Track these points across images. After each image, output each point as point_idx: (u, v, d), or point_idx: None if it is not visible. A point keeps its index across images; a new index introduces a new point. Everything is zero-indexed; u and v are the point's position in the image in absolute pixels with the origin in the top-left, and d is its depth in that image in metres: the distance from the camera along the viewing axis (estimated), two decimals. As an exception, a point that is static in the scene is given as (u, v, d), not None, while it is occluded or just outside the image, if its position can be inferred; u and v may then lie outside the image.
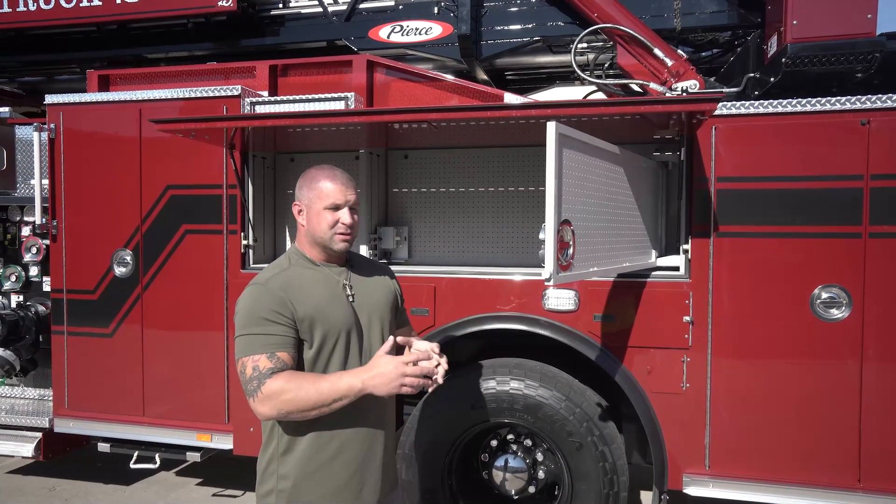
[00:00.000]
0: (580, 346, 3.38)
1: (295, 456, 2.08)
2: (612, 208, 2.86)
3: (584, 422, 3.34)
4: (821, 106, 3.07)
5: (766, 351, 3.19)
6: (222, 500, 4.64)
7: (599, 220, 2.71)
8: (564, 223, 2.33)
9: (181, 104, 3.88)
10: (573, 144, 2.39)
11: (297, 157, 4.04)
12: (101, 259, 4.07)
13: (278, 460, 2.10)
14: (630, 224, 3.12)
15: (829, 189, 3.11)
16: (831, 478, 3.13)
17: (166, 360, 3.98)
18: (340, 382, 1.96)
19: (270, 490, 2.11)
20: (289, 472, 2.08)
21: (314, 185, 2.15)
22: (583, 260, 2.52)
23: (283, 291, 2.04)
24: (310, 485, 2.08)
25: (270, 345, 1.98)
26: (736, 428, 3.25)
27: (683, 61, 3.76)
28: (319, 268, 2.18)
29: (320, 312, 2.07)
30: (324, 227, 2.12)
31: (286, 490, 2.08)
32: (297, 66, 4.05)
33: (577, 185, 2.47)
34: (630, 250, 3.14)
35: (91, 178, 4.08)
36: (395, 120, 3.06)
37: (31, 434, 4.31)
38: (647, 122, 3.16)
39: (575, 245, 2.41)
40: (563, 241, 2.31)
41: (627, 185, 3.02)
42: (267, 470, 2.13)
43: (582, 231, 2.48)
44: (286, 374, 1.96)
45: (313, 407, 1.94)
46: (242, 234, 3.82)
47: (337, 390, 1.94)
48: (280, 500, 2.09)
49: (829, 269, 3.11)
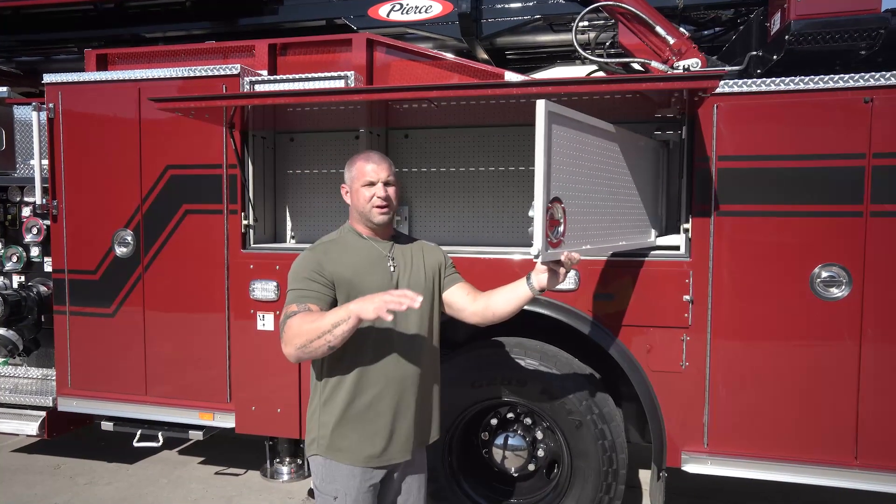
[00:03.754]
0: (580, 324, 3.39)
1: (335, 405, 2.33)
2: (608, 187, 2.86)
3: (584, 400, 3.36)
4: (823, 84, 3.04)
5: (766, 329, 3.20)
6: (225, 478, 4.69)
7: (593, 199, 2.72)
8: (555, 201, 2.36)
9: (180, 83, 3.85)
10: (564, 122, 2.40)
11: (297, 136, 4.03)
12: (102, 239, 4.07)
13: (320, 409, 2.36)
14: (627, 203, 3.11)
15: (831, 168, 3.09)
16: (829, 455, 3.16)
17: (168, 339, 4.00)
18: (338, 309, 2.16)
19: (314, 438, 2.37)
20: (328, 420, 2.33)
21: (353, 167, 2.45)
22: (574, 238, 2.54)
23: (325, 254, 2.35)
24: (345, 431, 2.32)
25: (304, 297, 2.26)
26: (735, 406, 3.26)
27: (686, 39, 3.72)
28: (366, 240, 2.45)
29: (357, 276, 2.33)
30: (363, 202, 2.40)
31: (325, 436, 2.33)
32: (296, 44, 4.02)
33: (569, 163, 2.48)
34: (627, 229, 3.14)
35: (91, 157, 4.07)
36: (397, 98, 3.03)
37: (35, 413, 4.35)
38: (648, 100, 3.14)
39: (566, 223, 2.45)
40: (553, 219, 2.35)
41: (624, 163, 3.00)
42: (311, 419, 2.39)
43: (574, 209, 2.51)
44: (301, 314, 2.20)
45: (317, 335, 2.12)
46: (243, 214, 3.81)
47: (335, 316, 2.12)
48: (320, 447, 2.35)
49: (829, 248, 3.11)
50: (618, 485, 3.39)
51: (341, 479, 2.32)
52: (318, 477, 2.39)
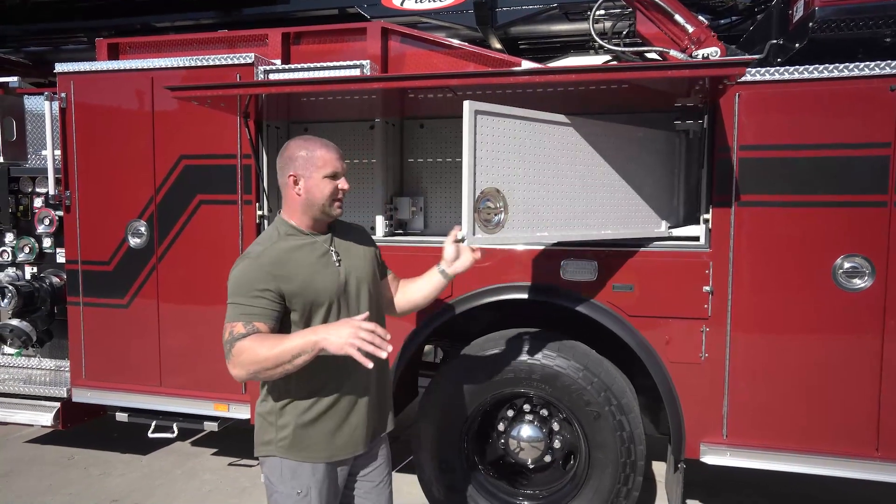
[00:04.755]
0: (599, 315, 3.37)
1: (294, 408, 2.24)
2: (580, 178, 3.02)
3: (602, 391, 3.35)
4: (848, 71, 3.00)
5: (787, 320, 3.18)
6: (238, 469, 4.69)
7: (553, 189, 2.90)
8: (493, 190, 2.62)
9: (194, 72, 3.82)
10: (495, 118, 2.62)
11: (312, 126, 3.99)
12: (116, 230, 4.05)
13: (277, 413, 2.25)
14: (614, 193, 3.19)
15: (855, 157, 3.06)
16: (849, 447, 3.14)
17: (183, 330, 3.99)
18: (298, 339, 2.05)
19: (270, 440, 2.27)
20: (288, 422, 2.24)
21: (311, 155, 2.25)
22: (523, 225, 2.77)
23: (273, 267, 2.16)
24: (308, 432, 2.26)
25: (251, 315, 2.10)
26: (754, 397, 3.25)
27: (704, 28, 3.68)
28: (308, 236, 2.30)
29: (310, 286, 2.21)
30: (325, 195, 2.25)
31: (287, 437, 2.24)
32: (310, 33, 3.99)
33: (509, 156, 2.70)
34: (617, 219, 3.21)
35: (104, 148, 4.04)
36: (418, 86, 2.99)
37: (49, 404, 4.34)
38: (667, 89, 3.11)
39: (507, 210, 2.69)
40: (490, 208, 2.62)
41: (605, 154, 3.09)
42: (265, 421, 2.28)
43: (520, 198, 2.74)
44: (253, 336, 2.07)
45: (275, 364, 2.04)
46: (258, 205, 3.79)
47: (295, 347, 2.03)
48: (280, 448, 2.26)
49: (852, 238, 3.08)
50: (636, 476, 3.38)
51: (304, 476, 2.26)
52: (274, 476, 2.28)
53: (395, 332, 3.60)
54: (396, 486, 2.79)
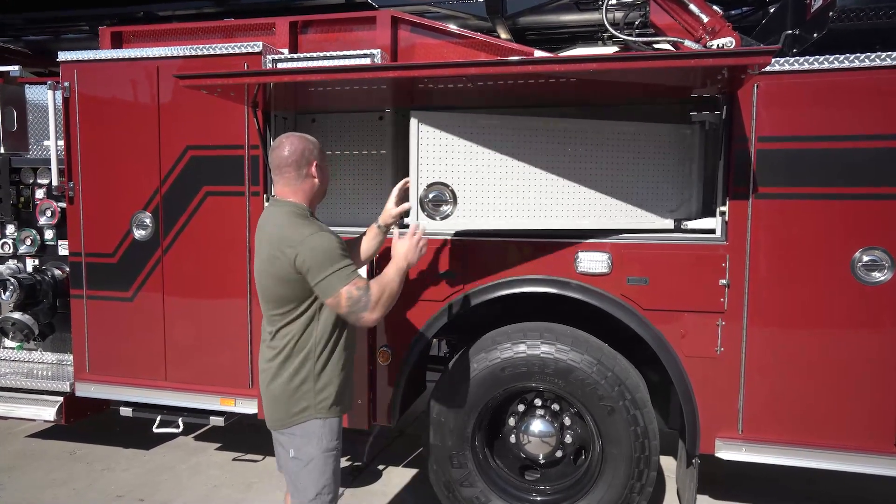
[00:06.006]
0: (613, 309, 3.33)
1: (334, 367, 2.57)
2: (545, 174, 3.31)
3: (616, 385, 3.31)
4: (869, 62, 2.96)
5: (804, 314, 3.14)
6: (244, 464, 4.64)
7: (501, 183, 3.26)
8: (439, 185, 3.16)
9: (200, 61, 3.74)
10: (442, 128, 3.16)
11: (319, 117, 3.93)
12: (120, 222, 3.98)
13: (315, 377, 2.53)
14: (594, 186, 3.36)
15: (875, 149, 3.01)
16: (867, 442, 3.11)
17: (188, 324, 3.93)
18: (395, 268, 2.60)
19: (307, 406, 2.53)
20: (329, 380, 2.55)
21: (316, 147, 2.62)
22: (477, 215, 3.24)
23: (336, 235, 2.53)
24: (346, 383, 2.63)
25: (353, 271, 2.47)
26: (771, 392, 3.21)
27: (719, 18, 3.63)
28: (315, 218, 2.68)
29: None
30: (327, 181, 2.71)
31: (330, 396, 2.56)
32: (318, 22, 3.92)
33: (459, 155, 3.18)
34: (601, 212, 3.38)
35: (108, 138, 3.97)
36: (433, 75, 2.91)
37: (52, 398, 4.28)
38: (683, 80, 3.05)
39: (457, 203, 3.19)
40: (439, 199, 3.18)
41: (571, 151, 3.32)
42: (299, 391, 2.53)
43: (468, 191, 3.21)
44: (373, 283, 2.51)
45: (398, 292, 2.57)
46: (265, 196, 3.73)
47: (401, 271, 2.60)
48: (321, 409, 2.55)
49: (871, 231, 3.04)
50: (650, 471, 3.35)
51: (338, 431, 2.61)
52: (313, 440, 2.54)
53: (404, 328, 3.59)
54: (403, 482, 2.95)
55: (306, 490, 2.55)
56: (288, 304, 2.51)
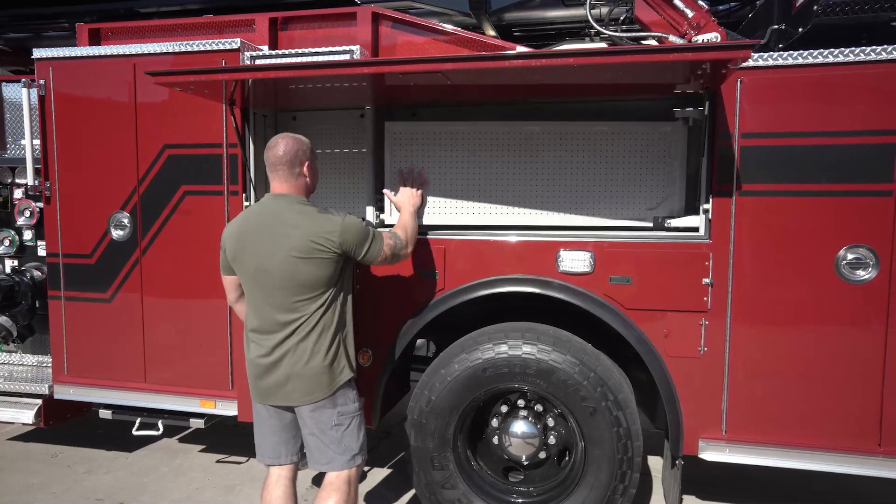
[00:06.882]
0: (595, 308, 3.28)
1: (352, 335, 2.94)
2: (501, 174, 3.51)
3: (599, 386, 3.26)
4: (854, 56, 2.91)
5: (788, 313, 3.10)
6: (227, 466, 4.59)
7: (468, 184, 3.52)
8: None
9: (177, 58, 3.69)
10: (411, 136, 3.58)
11: (300, 115, 3.87)
12: (98, 222, 3.92)
13: (345, 347, 2.87)
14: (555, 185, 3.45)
15: (859, 145, 2.97)
16: (852, 442, 3.07)
17: (168, 325, 3.88)
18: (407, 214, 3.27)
19: (342, 369, 2.84)
20: (349, 346, 2.90)
21: (313, 149, 2.92)
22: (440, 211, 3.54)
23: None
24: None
25: (380, 232, 2.99)
26: (754, 392, 3.17)
27: (704, 13, 3.57)
28: None
29: None
30: (317, 182, 3.02)
31: (353, 357, 2.91)
32: (298, 18, 3.85)
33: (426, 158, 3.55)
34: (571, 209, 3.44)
35: (85, 137, 3.90)
36: (409, 71, 2.86)
37: (31, 401, 4.23)
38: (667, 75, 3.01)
39: (425, 204, 3.54)
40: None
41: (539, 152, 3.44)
42: (337, 359, 2.82)
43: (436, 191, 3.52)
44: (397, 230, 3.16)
45: (416, 230, 3.28)
46: (244, 195, 3.67)
47: (413, 215, 3.29)
48: (351, 370, 2.90)
49: (856, 228, 3.00)
50: (633, 473, 3.30)
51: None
52: (350, 399, 2.87)
53: (384, 329, 3.54)
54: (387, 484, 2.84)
55: (350, 448, 2.84)
56: (320, 288, 2.75)
